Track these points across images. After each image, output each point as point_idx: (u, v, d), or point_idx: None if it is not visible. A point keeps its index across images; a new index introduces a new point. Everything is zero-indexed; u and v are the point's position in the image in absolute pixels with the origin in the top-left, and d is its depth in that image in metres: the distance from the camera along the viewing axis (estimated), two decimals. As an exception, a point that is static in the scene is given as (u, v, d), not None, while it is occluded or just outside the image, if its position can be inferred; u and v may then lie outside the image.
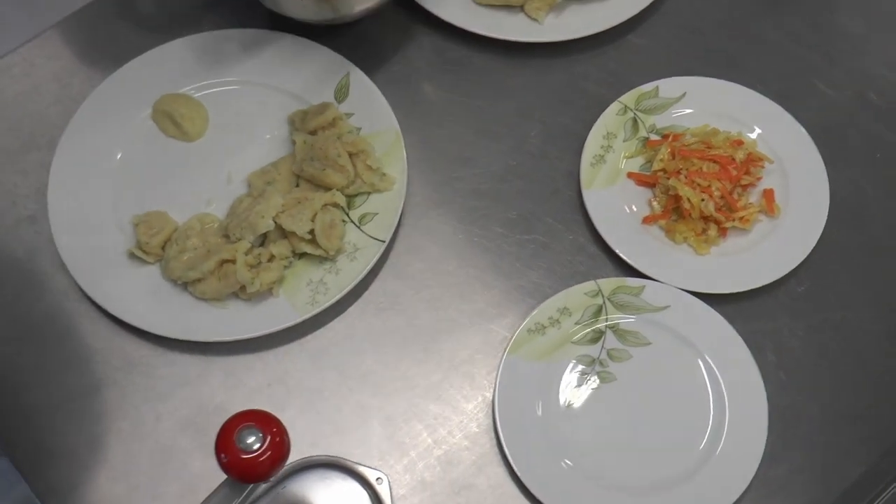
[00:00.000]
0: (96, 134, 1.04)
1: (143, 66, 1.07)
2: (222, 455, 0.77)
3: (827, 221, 1.00)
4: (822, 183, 1.02)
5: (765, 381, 0.94)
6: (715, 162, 1.00)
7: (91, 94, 1.05)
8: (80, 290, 0.98)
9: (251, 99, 1.07)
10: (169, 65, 1.08)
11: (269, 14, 1.09)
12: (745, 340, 0.95)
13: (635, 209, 1.02)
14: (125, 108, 1.05)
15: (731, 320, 0.96)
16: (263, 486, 0.90)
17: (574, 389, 0.94)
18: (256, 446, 0.76)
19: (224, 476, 0.79)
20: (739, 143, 1.02)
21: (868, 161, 1.06)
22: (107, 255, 0.99)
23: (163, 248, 0.99)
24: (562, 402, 0.94)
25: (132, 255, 0.99)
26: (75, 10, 1.14)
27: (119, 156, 1.04)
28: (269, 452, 0.77)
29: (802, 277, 1.00)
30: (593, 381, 0.94)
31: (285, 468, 0.91)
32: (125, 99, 1.06)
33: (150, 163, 1.04)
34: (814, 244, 0.99)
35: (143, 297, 0.97)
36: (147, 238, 0.98)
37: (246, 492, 0.80)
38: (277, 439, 0.78)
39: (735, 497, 0.90)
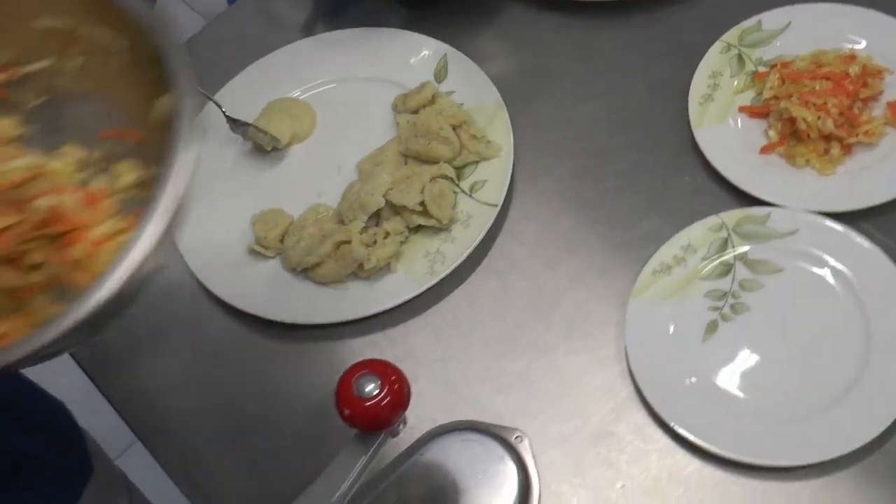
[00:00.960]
0: (209, 147, 1.08)
1: (247, 78, 1.11)
2: (344, 408, 0.77)
3: (961, 124, 0.95)
4: (949, 86, 0.97)
5: (914, 294, 0.88)
6: (828, 79, 0.96)
7: (201, 113, 1.10)
8: (207, 291, 1.00)
9: (354, 93, 1.10)
10: (273, 73, 1.12)
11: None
12: (887, 254, 0.90)
13: (751, 142, 0.98)
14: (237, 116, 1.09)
15: (869, 236, 0.91)
16: (401, 454, 0.89)
17: (708, 324, 0.90)
18: (375, 392, 0.76)
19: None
20: (852, 57, 0.98)
21: None
22: (230, 255, 1.02)
23: (281, 241, 1.01)
24: (697, 337, 0.90)
25: (252, 252, 1.01)
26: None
27: (232, 162, 1.08)
28: (388, 397, 0.76)
29: (942, 184, 0.94)
30: (727, 314, 0.90)
31: (422, 436, 0.90)
32: (235, 109, 1.09)
33: (262, 165, 1.07)
34: (949, 148, 0.94)
35: (266, 289, 0.99)
36: (265, 233, 1.00)
37: (374, 446, 0.79)
38: (396, 386, 0.77)
39: (887, 423, 0.83)
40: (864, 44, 1.00)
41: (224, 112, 1.06)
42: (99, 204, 0.74)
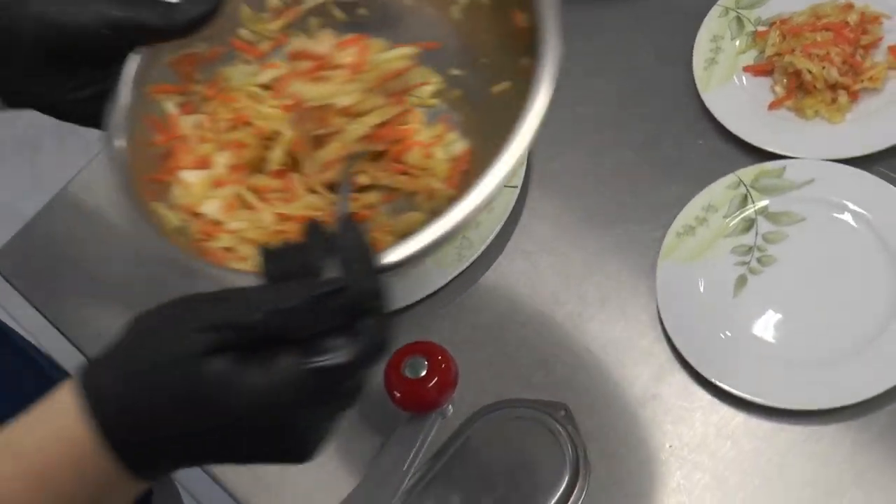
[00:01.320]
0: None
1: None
2: (394, 391, 0.79)
3: (964, 58, 0.96)
4: (949, 23, 0.98)
5: (938, 227, 0.90)
6: (828, 30, 0.98)
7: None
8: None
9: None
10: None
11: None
12: (906, 193, 0.92)
13: (758, 100, 1.00)
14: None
15: (885, 177, 0.93)
16: (450, 436, 0.90)
17: (737, 279, 0.92)
18: (423, 373, 0.78)
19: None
20: (849, 6, 0.99)
21: None
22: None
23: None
24: (728, 293, 0.91)
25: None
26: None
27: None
28: (437, 377, 0.78)
29: (953, 118, 0.96)
30: (755, 267, 0.92)
31: (469, 417, 0.91)
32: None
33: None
34: (955, 82, 0.95)
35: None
36: (294, 239, 1.02)
37: (426, 427, 0.81)
38: (444, 365, 0.79)
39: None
40: (852, -8, 1.02)
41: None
42: (410, 115, 0.77)
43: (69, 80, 0.73)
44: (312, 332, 0.54)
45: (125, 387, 0.53)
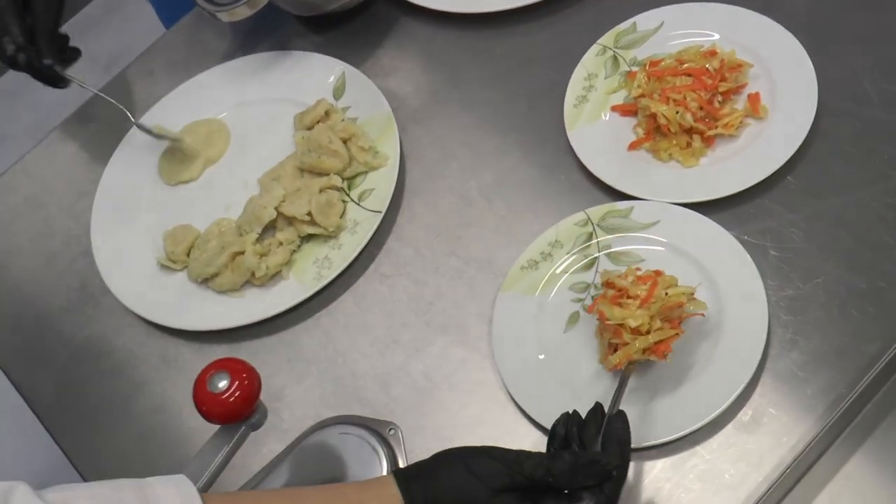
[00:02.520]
0: (127, 170, 1.17)
1: (171, 101, 1.20)
2: (201, 405, 0.84)
3: (819, 111, 0.97)
4: (808, 76, 0.99)
5: (769, 277, 0.92)
6: (688, 75, 1.00)
7: (124, 139, 1.18)
8: (123, 305, 1.08)
9: (264, 113, 1.17)
10: (193, 96, 1.20)
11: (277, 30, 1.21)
12: (745, 241, 0.93)
13: (621, 139, 1.02)
14: (152, 143, 1.17)
15: (728, 226, 0.94)
16: (284, 449, 0.95)
17: (570, 315, 0.94)
18: (226, 387, 0.82)
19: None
20: (713, 53, 1.01)
21: (855, 40, 1.02)
22: (142, 271, 1.09)
23: (188, 254, 1.08)
24: (559, 328, 0.94)
25: (163, 266, 1.08)
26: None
27: (151, 180, 1.16)
28: (239, 391, 0.82)
29: (798, 172, 0.97)
30: (588, 305, 0.94)
31: (304, 432, 0.96)
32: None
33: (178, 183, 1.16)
34: (803, 137, 0.96)
35: (174, 300, 1.06)
36: (173, 248, 1.07)
37: (235, 437, 0.85)
38: (246, 381, 0.83)
39: (738, 390, 0.86)
40: (738, 40, 1.03)
41: (133, 120, 1.14)
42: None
43: None
44: (572, 486, 0.76)
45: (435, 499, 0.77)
